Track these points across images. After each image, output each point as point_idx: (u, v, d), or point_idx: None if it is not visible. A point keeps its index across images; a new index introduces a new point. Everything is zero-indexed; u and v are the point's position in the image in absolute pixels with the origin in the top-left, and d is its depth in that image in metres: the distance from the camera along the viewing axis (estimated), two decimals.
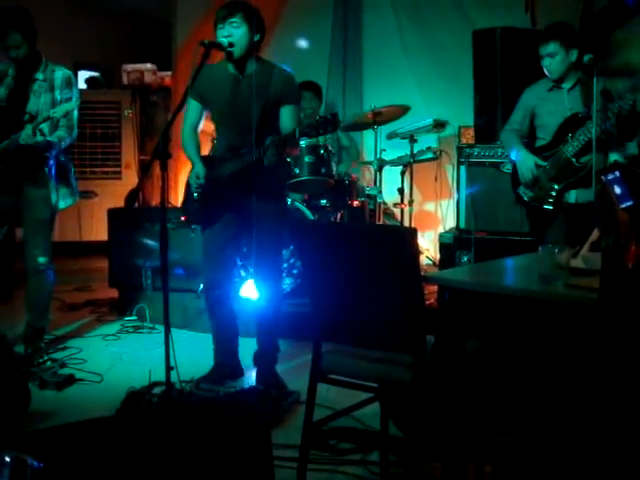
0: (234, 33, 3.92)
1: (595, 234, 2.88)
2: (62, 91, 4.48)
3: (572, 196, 4.44)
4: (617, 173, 2.10)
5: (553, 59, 4.41)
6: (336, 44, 7.54)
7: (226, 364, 4.33)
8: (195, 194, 4.18)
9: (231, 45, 3.91)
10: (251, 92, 4.02)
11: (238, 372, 4.36)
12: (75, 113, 4.51)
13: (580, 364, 2.47)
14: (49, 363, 4.56)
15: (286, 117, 4.09)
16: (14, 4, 4.46)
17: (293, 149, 4.30)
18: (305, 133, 3.81)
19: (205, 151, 4.34)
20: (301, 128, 3.82)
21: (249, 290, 5.28)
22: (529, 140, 4.65)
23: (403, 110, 5.98)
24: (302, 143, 5.42)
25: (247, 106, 4.02)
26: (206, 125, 4.33)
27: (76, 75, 9.29)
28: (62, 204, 4.62)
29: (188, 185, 4.26)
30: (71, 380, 4.34)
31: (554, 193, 4.46)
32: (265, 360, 4.29)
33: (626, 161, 4.30)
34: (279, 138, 3.90)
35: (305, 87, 6.47)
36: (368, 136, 6.92)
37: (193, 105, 4.17)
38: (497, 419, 2.87)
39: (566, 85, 4.48)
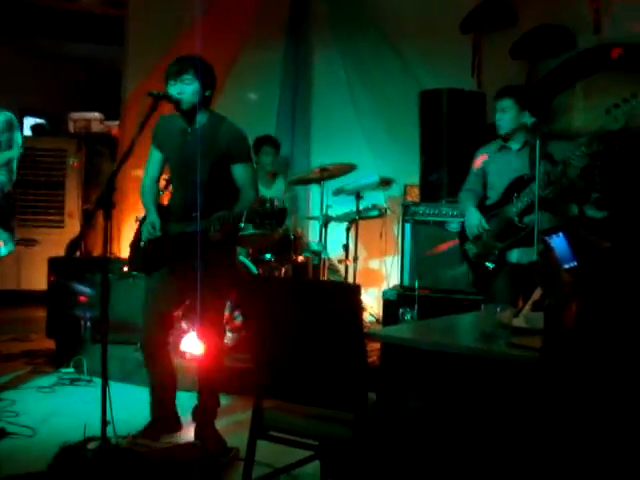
0: (185, 90, 3.91)
1: (537, 293, 2.90)
2: (2, 133, 4.43)
3: (514, 255, 4.49)
4: (560, 234, 2.12)
5: (504, 114, 4.51)
6: (285, 100, 7.62)
7: (163, 418, 4.23)
8: (142, 242, 4.13)
9: (179, 99, 3.91)
10: (199, 145, 3.99)
11: (176, 426, 4.26)
12: (15, 159, 4.44)
13: (522, 423, 2.46)
14: None
15: (241, 177, 4.01)
16: None
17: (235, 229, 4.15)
18: (250, 220, 3.77)
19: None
20: (248, 214, 3.77)
21: (191, 344, 5.21)
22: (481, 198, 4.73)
23: (350, 168, 6.03)
24: None
25: (193, 160, 4.00)
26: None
27: (21, 121, 9.22)
28: (4, 250, 4.53)
29: (138, 232, 4.21)
30: (1, 434, 4.19)
31: (496, 251, 4.52)
32: (204, 415, 4.21)
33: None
34: (224, 216, 3.82)
35: (266, 141, 6.52)
36: (314, 191, 6.96)
37: (155, 155, 4.16)
38: (439, 477, 2.84)
39: (514, 146, 4.57)
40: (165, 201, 4.47)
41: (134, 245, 4.27)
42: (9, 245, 4.57)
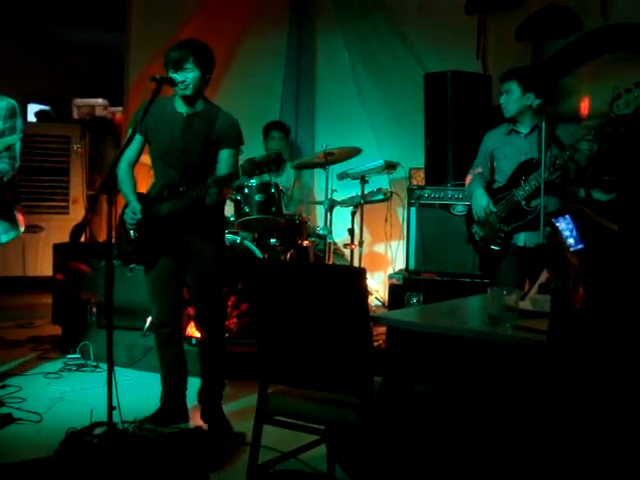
0: (188, 77, 3.91)
1: (543, 276, 2.89)
2: (5, 121, 4.40)
3: (521, 239, 4.48)
4: (568, 217, 2.10)
5: (508, 97, 4.48)
6: (289, 84, 7.58)
7: (173, 406, 4.24)
8: (132, 233, 4.11)
9: (185, 86, 3.91)
10: (195, 131, 4.01)
11: (184, 417, 4.25)
12: (18, 145, 4.42)
13: (529, 406, 2.45)
14: None
15: (223, 161, 4.04)
16: None
17: (229, 190, 4.25)
18: (246, 171, 3.76)
19: (143, 184, 4.27)
20: (242, 166, 3.76)
21: (193, 329, 5.21)
22: (488, 182, 4.71)
23: (355, 152, 6.01)
24: (253, 182, 5.41)
25: (189, 145, 4.01)
26: (145, 157, 4.27)
27: (26, 108, 9.21)
28: (5, 237, 4.52)
29: (122, 224, 4.19)
30: (8, 420, 4.20)
31: (502, 235, 4.51)
32: (210, 398, 4.22)
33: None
34: (221, 177, 3.87)
35: (273, 126, 6.51)
36: (319, 176, 6.94)
37: (136, 139, 4.09)
38: (445, 462, 2.83)
39: (524, 130, 4.54)
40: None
41: (122, 237, 4.21)
42: (10, 233, 4.56)
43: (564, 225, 2.12)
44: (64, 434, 3.76)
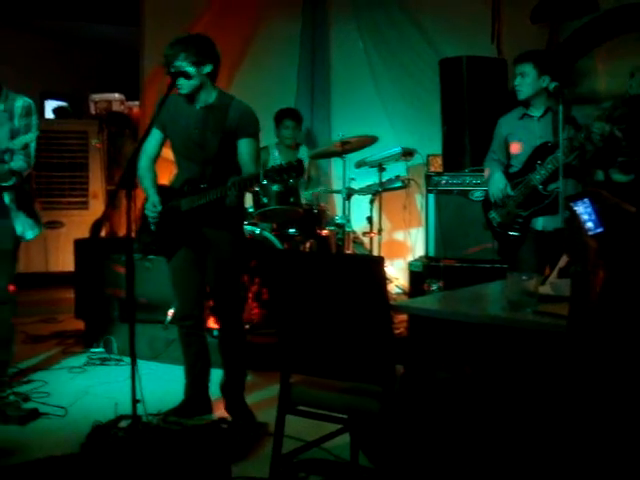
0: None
1: (563, 261, 2.88)
2: (21, 119, 4.41)
3: (539, 223, 4.46)
4: (586, 200, 2.09)
5: (523, 79, 4.42)
6: (304, 71, 7.58)
7: (196, 398, 4.26)
8: (152, 225, 4.13)
9: (179, 85, 3.88)
10: (210, 124, 3.98)
11: (207, 408, 4.27)
12: (33, 143, 4.43)
13: (549, 391, 2.45)
14: (12, 397, 4.43)
15: (244, 151, 4.01)
16: None
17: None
18: (268, 176, 3.74)
19: (165, 178, 4.28)
20: (265, 171, 3.76)
21: (213, 320, 5.23)
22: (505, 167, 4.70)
23: (371, 140, 5.99)
24: None
25: (205, 138, 3.99)
26: (167, 152, 4.27)
27: (43, 104, 9.26)
28: (30, 234, 4.53)
29: (143, 216, 4.20)
30: (35, 414, 4.25)
31: (520, 220, 4.49)
32: (232, 389, 4.23)
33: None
34: (242, 180, 3.84)
35: (287, 115, 6.49)
36: (336, 165, 6.93)
37: (155, 134, 4.09)
38: (467, 449, 2.84)
39: (536, 113, 4.49)
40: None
41: (142, 229, 4.22)
42: (35, 230, 4.58)
43: (582, 209, 2.11)
44: (90, 427, 3.79)
